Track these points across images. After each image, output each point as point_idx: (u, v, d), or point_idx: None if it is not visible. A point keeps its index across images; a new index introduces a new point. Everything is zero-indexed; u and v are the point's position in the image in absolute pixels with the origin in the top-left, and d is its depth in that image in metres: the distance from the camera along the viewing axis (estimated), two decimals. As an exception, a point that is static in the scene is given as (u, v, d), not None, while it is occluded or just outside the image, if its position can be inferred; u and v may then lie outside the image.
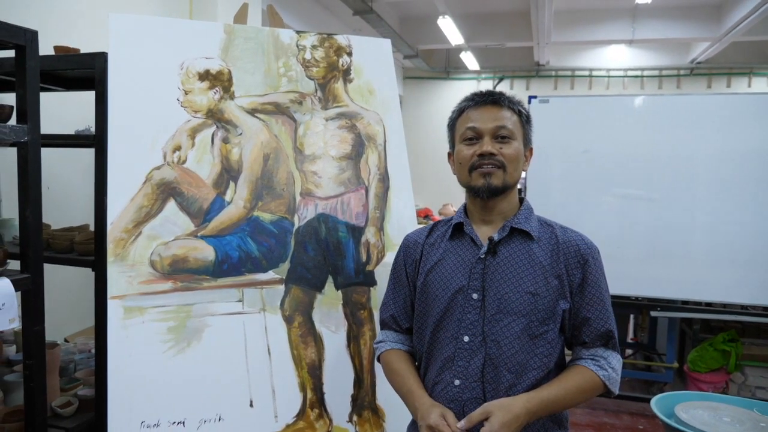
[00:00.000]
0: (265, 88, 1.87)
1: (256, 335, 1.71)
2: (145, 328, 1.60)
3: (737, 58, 7.91)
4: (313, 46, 1.96)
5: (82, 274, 2.02)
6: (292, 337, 1.75)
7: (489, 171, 1.27)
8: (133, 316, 1.60)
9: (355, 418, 1.77)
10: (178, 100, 1.76)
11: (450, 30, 6.62)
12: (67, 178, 2.75)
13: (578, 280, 1.27)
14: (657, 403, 2.23)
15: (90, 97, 1.81)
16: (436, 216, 6.85)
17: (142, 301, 1.61)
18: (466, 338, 1.25)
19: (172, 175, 1.72)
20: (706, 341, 3.63)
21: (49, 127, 1.81)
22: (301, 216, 1.83)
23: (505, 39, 7.50)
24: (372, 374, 1.80)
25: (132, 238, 1.65)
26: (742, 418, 2.08)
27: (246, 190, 1.78)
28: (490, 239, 1.28)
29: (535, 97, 3.62)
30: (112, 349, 1.56)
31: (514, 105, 1.32)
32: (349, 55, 2.00)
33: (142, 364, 1.58)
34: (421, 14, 7.25)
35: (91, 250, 1.87)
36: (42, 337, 1.55)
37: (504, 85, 8.89)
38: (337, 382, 1.77)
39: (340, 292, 1.82)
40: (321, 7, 6.15)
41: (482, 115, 1.30)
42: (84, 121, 2.39)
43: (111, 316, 1.58)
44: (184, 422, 1.59)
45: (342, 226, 1.85)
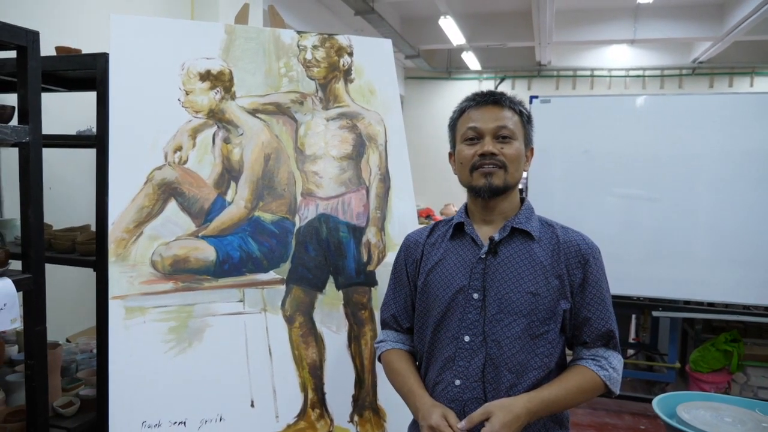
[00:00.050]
0: (266, 89, 1.87)
1: (257, 335, 1.71)
2: (147, 329, 1.60)
3: (739, 58, 7.90)
4: (314, 47, 1.96)
5: (84, 274, 2.03)
6: (293, 337, 1.75)
7: (490, 171, 1.27)
8: (134, 316, 1.60)
9: (356, 419, 1.77)
10: (179, 100, 1.76)
11: (451, 30, 6.62)
12: (68, 178, 2.75)
13: (579, 280, 1.27)
14: (659, 404, 2.23)
15: (91, 97, 1.82)
16: (438, 216, 6.85)
17: (144, 302, 1.62)
18: (467, 338, 1.25)
19: (173, 176, 1.72)
20: (708, 341, 3.62)
21: (51, 127, 1.82)
22: (302, 216, 1.83)
23: (507, 39, 7.49)
24: (373, 374, 1.80)
25: (133, 238, 1.65)
26: (744, 418, 2.07)
27: (247, 190, 1.79)
28: (491, 239, 1.28)
29: (536, 97, 3.61)
30: (114, 349, 1.56)
31: (515, 105, 1.32)
32: (350, 55, 2.00)
33: (143, 364, 1.58)
34: (422, 14, 7.25)
35: (93, 250, 1.87)
36: (44, 337, 1.56)
37: (506, 85, 8.88)
38: (338, 383, 1.77)
39: (341, 292, 1.82)
40: (322, 8, 6.16)
41: (483, 115, 1.30)
42: (85, 122, 2.39)
43: (112, 317, 1.58)
44: (185, 422, 1.59)
45: (343, 226, 1.85)
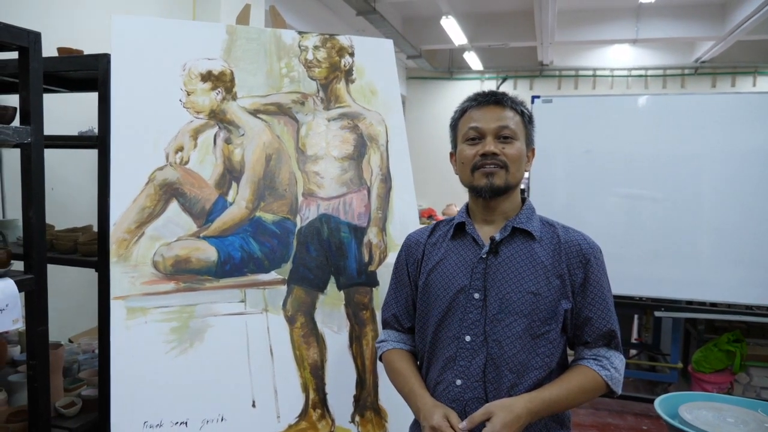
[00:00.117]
0: (268, 89, 1.87)
1: (258, 336, 1.71)
2: (148, 329, 1.60)
3: (742, 57, 7.87)
4: (315, 47, 1.96)
5: (86, 274, 2.03)
6: (294, 337, 1.75)
7: (491, 171, 1.27)
8: (136, 316, 1.60)
9: (357, 419, 1.77)
10: (180, 101, 1.77)
11: (453, 30, 6.61)
12: (70, 179, 2.76)
13: (580, 279, 1.26)
14: (661, 404, 2.22)
15: (93, 98, 1.82)
16: (440, 216, 6.85)
17: (145, 302, 1.62)
18: (468, 338, 1.25)
19: (174, 176, 1.72)
20: (711, 341, 3.61)
21: (53, 128, 1.82)
22: (304, 216, 1.83)
23: (509, 39, 7.48)
24: (374, 375, 1.80)
25: (135, 238, 1.65)
26: (746, 418, 2.07)
27: (248, 190, 1.79)
28: (492, 239, 1.28)
29: (538, 97, 3.61)
30: (115, 349, 1.56)
31: (516, 105, 1.32)
32: (351, 55, 2.00)
33: (144, 365, 1.58)
34: (424, 14, 7.25)
35: (95, 250, 1.87)
36: (46, 338, 1.56)
37: (507, 85, 8.87)
38: (340, 383, 1.77)
39: (342, 292, 1.82)
40: (324, 8, 6.16)
41: (485, 115, 1.30)
42: (87, 123, 2.40)
43: (114, 317, 1.58)
44: (186, 422, 1.59)
45: (344, 226, 1.85)
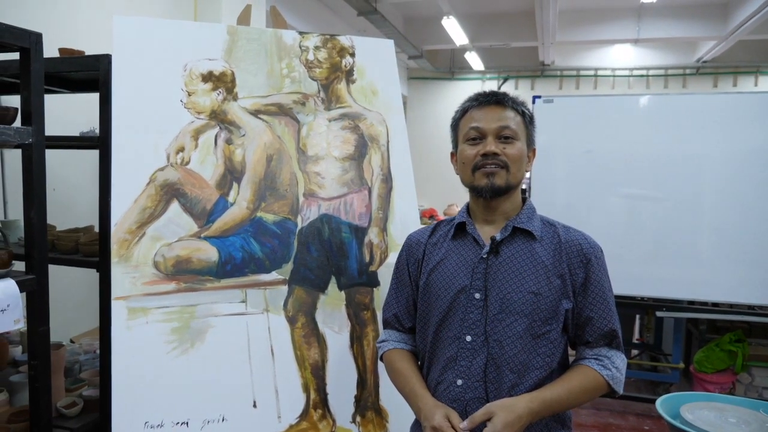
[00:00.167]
0: (268, 89, 1.87)
1: (259, 336, 1.71)
2: (149, 329, 1.60)
3: (743, 57, 7.87)
4: (316, 47, 1.96)
5: (87, 275, 2.03)
6: (295, 337, 1.75)
7: (492, 171, 1.27)
8: (137, 316, 1.60)
9: (358, 419, 1.77)
10: (181, 101, 1.77)
11: (454, 30, 6.61)
12: (71, 179, 2.76)
13: (581, 279, 1.26)
14: (662, 404, 2.21)
15: (94, 99, 1.82)
16: (441, 216, 6.85)
17: (146, 302, 1.62)
18: (469, 338, 1.25)
19: (175, 177, 1.72)
20: (713, 342, 3.60)
21: (54, 129, 1.82)
22: (304, 217, 1.83)
23: (510, 39, 7.48)
24: (375, 375, 1.80)
25: (136, 239, 1.65)
26: (748, 419, 2.06)
27: (249, 191, 1.79)
28: (493, 239, 1.28)
29: (539, 97, 3.60)
30: (116, 349, 1.57)
31: (517, 105, 1.32)
32: (352, 55, 2.00)
33: (145, 365, 1.58)
34: (425, 15, 7.25)
35: (96, 251, 1.87)
36: (47, 338, 1.56)
37: (509, 85, 8.87)
38: (341, 383, 1.77)
39: (343, 292, 1.82)
40: (325, 8, 6.16)
41: (486, 115, 1.30)
42: (88, 123, 2.40)
43: (115, 317, 1.58)
44: (187, 423, 1.59)
45: (345, 226, 1.85)
